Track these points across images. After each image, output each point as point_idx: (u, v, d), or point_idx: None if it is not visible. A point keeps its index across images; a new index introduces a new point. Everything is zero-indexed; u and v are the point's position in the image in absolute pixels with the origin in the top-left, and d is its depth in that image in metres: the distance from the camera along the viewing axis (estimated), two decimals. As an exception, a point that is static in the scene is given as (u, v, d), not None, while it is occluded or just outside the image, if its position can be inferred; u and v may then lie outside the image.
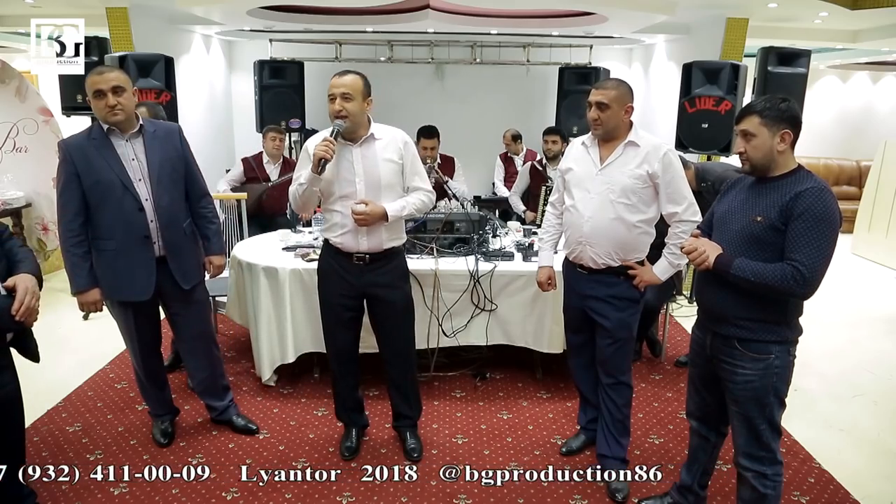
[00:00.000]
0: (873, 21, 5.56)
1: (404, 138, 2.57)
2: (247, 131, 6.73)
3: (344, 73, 2.42)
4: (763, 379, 1.93)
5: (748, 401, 1.96)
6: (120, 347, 3.73)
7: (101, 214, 2.45)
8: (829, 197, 1.80)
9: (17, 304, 1.90)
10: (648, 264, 2.47)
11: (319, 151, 2.34)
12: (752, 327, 1.92)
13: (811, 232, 1.78)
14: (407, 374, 2.77)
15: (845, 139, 8.76)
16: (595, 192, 2.42)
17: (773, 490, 2.00)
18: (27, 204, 4.83)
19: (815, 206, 1.78)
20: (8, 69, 4.84)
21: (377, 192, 2.49)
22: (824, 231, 1.78)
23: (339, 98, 2.38)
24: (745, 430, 2.00)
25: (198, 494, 2.49)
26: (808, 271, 1.77)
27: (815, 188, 1.80)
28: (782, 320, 1.91)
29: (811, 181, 1.83)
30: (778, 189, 1.86)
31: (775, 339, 1.91)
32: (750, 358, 1.93)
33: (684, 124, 4.61)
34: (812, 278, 1.78)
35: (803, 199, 1.79)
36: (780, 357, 1.92)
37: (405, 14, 5.46)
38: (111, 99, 2.35)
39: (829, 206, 1.79)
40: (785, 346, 1.93)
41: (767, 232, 1.85)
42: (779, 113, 1.85)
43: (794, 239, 1.80)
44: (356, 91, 2.39)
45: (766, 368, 1.92)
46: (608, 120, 2.37)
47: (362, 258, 2.54)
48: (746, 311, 1.92)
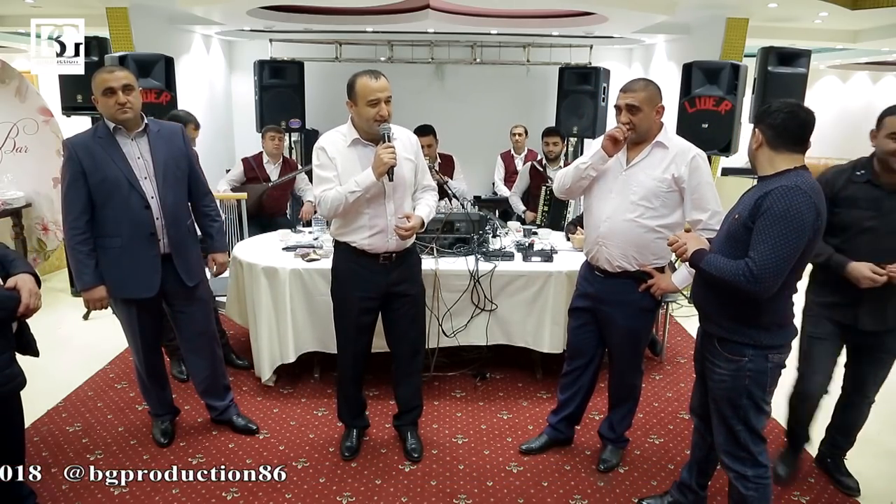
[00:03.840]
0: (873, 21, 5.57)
1: (414, 137, 2.61)
2: (247, 131, 6.73)
3: (378, 76, 2.37)
4: (735, 380, 1.94)
5: (722, 400, 1.99)
6: (120, 347, 3.74)
7: (107, 212, 2.45)
8: (796, 196, 1.75)
9: (23, 308, 1.95)
10: (669, 271, 2.41)
11: (389, 159, 2.33)
12: (727, 327, 1.94)
13: (769, 230, 1.77)
14: (419, 368, 2.79)
15: (845, 139, 8.76)
16: (616, 191, 2.38)
17: (756, 493, 1.99)
18: (27, 204, 4.83)
19: (776, 205, 1.76)
20: (8, 69, 4.84)
21: (403, 192, 2.51)
22: (782, 230, 1.75)
23: (384, 102, 2.37)
24: (723, 430, 2.03)
25: (198, 494, 2.49)
26: (757, 269, 1.77)
27: (783, 187, 1.77)
28: (756, 323, 1.90)
29: (786, 180, 1.80)
30: (760, 188, 1.87)
31: (748, 341, 1.91)
32: (724, 358, 1.96)
33: (684, 124, 4.61)
34: (761, 275, 1.77)
35: (769, 198, 1.78)
36: (753, 361, 1.91)
37: (405, 14, 5.47)
38: (121, 97, 2.37)
39: (792, 205, 1.74)
40: (760, 350, 1.91)
41: (741, 229, 1.86)
42: (758, 113, 1.93)
43: (754, 236, 1.81)
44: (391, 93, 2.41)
45: (738, 370, 1.93)
46: (641, 123, 2.29)
47: (389, 257, 2.54)
48: (723, 310, 1.95)
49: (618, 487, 2.58)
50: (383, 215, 2.46)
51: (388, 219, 2.47)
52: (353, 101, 2.40)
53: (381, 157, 2.34)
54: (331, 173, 2.45)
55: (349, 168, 2.43)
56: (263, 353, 3.23)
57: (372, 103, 2.36)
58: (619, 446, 2.75)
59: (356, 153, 2.46)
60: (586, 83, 6.13)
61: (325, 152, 2.46)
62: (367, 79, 2.36)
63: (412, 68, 7.00)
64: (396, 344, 2.73)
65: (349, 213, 2.47)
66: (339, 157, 2.45)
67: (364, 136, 2.46)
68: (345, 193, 2.39)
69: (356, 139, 2.46)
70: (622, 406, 2.67)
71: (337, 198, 2.41)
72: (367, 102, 2.36)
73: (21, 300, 1.94)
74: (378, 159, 2.35)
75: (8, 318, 1.97)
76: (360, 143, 2.46)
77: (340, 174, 2.44)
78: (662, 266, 2.42)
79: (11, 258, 2.08)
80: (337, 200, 2.41)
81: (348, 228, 2.51)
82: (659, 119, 2.34)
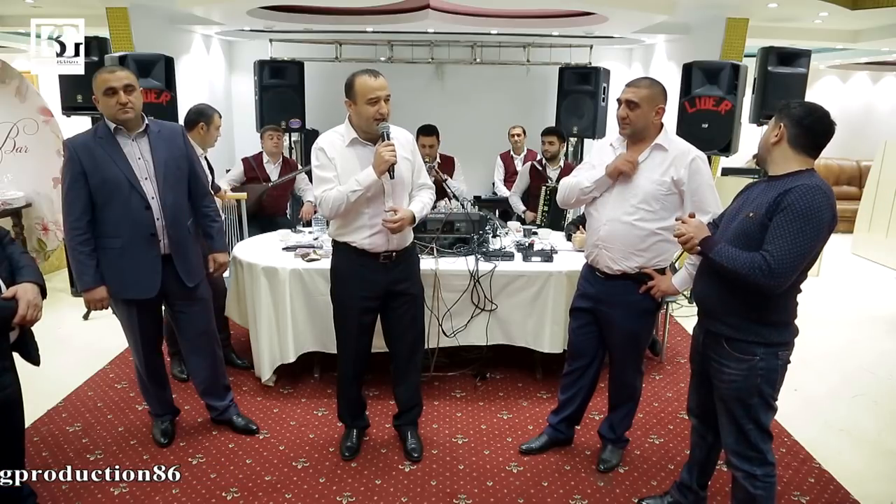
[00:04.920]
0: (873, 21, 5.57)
1: (410, 136, 2.61)
2: (247, 131, 6.73)
3: (377, 75, 2.38)
4: (747, 380, 1.93)
5: (732, 400, 1.98)
6: (120, 347, 3.73)
7: (108, 213, 2.45)
8: (817, 195, 1.77)
9: (19, 319, 1.92)
10: (670, 273, 2.41)
11: (389, 157, 2.34)
12: (737, 326, 1.93)
13: (789, 226, 1.77)
14: (418, 367, 2.80)
15: (845, 139, 8.74)
16: (616, 194, 2.37)
17: (764, 491, 2.00)
18: (27, 204, 4.83)
19: (799, 202, 1.77)
20: (8, 69, 4.84)
21: (402, 191, 2.52)
22: (802, 227, 1.76)
23: (383, 100, 2.38)
24: (732, 429, 2.01)
25: (198, 494, 2.49)
26: (774, 262, 1.77)
27: (805, 185, 1.79)
28: (765, 321, 1.90)
29: (805, 179, 1.81)
30: (775, 187, 1.86)
31: (759, 340, 1.91)
32: (735, 358, 1.94)
33: (684, 124, 4.60)
34: (778, 270, 1.77)
35: (790, 195, 1.78)
36: (765, 359, 1.91)
37: (405, 14, 5.47)
38: (122, 97, 2.38)
39: (814, 203, 1.76)
40: (771, 348, 1.92)
41: (755, 228, 1.85)
42: (782, 108, 1.91)
43: (771, 231, 1.80)
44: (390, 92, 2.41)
45: (750, 370, 1.92)
46: (637, 120, 2.30)
47: (389, 256, 2.54)
48: (731, 308, 1.93)
49: (618, 487, 2.58)
50: (383, 214, 2.47)
51: None
52: (352, 99, 2.41)
53: (382, 155, 2.35)
54: (331, 173, 2.45)
55: (348, 168, 2.43)
56: (263, 353, 3.23)
57: (371, 101, 2.36)
58: (619, 446, 2.75)
59: (355, 153, 2.46)
60: (586, 83, 6.13)
61: (325, 153, 2.46)
62: (365, 77, 2.37)
63: (412, 68, 7.00)
64: (396, 343, 2.73)
65: (349, 213, 2.47)
66: (338, 157, 2.45)
67: (362, 135, 2.46)
68: (346, 193, 2.39)
69: (354, 139, 2.46)
70: (622, 406, 2.67)
71: (338, 197, 2.41)
72: (366, 101, 2.36)
73: (17, 311, 1.91)
74: (379, 157, 2.35)
75: (2, 329, 1.94)
76: (359, 142, 2.46)
77: (340, 174, 2.44)
78: (663, 268, 2.42)
79: (21, 264, 2.05)
80: (338, 200, 2.41)
81: (348, 228, 2.51)
82: (658, 120, 2.34)
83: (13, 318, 1.92)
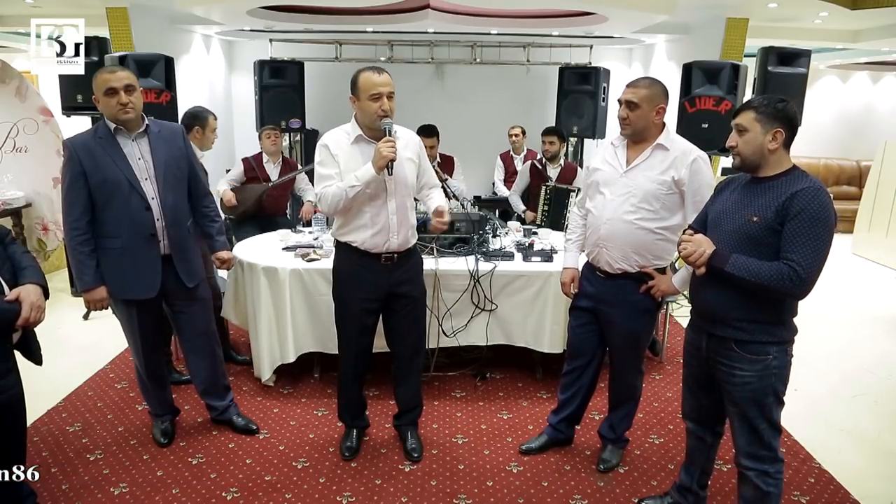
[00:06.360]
0: (873, 21, 5.57)
1: (417, 138, 2.61)
2: (247, 131, 6.73)
3: (381, 71, 2.38)
4: (761, 380, 1.93)
5: (747, 402, 1.96)
6: (120, 347, 3.74)
7: (108, 213, 2.45)
8: (824, 196, 1.80)
9: (22, 322, 1.92)
10: (670, 273, 2.40)
11: (388, 153, 2.33)
12: (748, 328, 1.91)
13: (807, 232, 1.77)
14: (419, 368, 2.80)
15: (845, 139, 8.76)
16: (616, 193, 2.37)
17: (776, 488, 2.01)
18: (27, 204, 4.82)
19: (810, 206, 1.77)
20: (8, 69, 4.84)
21: (405, 191, 2.51)
22: (820, 231, 1.78)
23: (386, 97, 2.37)
24: (745, 431, 2.00)
25: (198, 494, 2.49)
26: (804, 271, 1.77)
27: (811, 188, 1.80)
28: (778, 321, 1.91)
29: (807, 181, 1.83)
30: (773, 189, 1.85)
31: (772, 339, 1.91)
32: (748, 360, 1.93)
33: (684, 124, 4.60)
34: (808, 278, 1.78)
35: (800, 199, 1.78)
36: (777, 357, 1.91)
37: (405, 14, 5.47)
38: (123, 97, 2.37)
39: (824, 205, 1.78)
40: (782, 346, 1.92)
41: (764, 232, 1.84)
42: (774, 111, 1.85)
43: (790, 238, 1.80)
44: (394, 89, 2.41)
45: (765, 370, 1.92)
46: (637, 120, 2.30)
47: (391, 257, 2.53)
48: (743, 312, 1.91)
49: (618, 487, 2.58)
50: (384, 214, 2.46)
51: (390, 217, 2.47)
52: (356, 95, 2.41)
53: (381, 151, 2.34)
54: (332, 170, 2.45)
55: (352, 165, 2.43)
56: (263, 353, 3.23)
57: (374, 97, 2.36)
58: (619, 446, 2.75)
59: (359, 150, 2.46)
60: (586, 83, 6.13)
61: (328, 149, 2.46)
62: (370, 73, 2.37)
63: (412, 68, 7.00)
64: (397, 345, 2.73)
65: (350, 212, 2.46)
66: (341, 154, 2.45)
67: (367, 133, 2.46)
68: (345, 188, 2.39)
69: (359, 136, 2.46)
70: (622, 406, 2.67)
71: (337, 193, 2.41)
72: (369, 97, 2.36)
73: (21, 313, 1.91)
74: (377, 153, 2.35)
75: (4, 331, 1.94)
76: (364, 140, 2.46)
77: (343, 171, 2.44)
78: (663, 267, 2.42)
79: (24, 265, 2.05)
80: (337, 196, 2.41)
81: (349, 227, 2.51)
82: (659, 120, 2.33)
83: (16, 321, 1.91)
